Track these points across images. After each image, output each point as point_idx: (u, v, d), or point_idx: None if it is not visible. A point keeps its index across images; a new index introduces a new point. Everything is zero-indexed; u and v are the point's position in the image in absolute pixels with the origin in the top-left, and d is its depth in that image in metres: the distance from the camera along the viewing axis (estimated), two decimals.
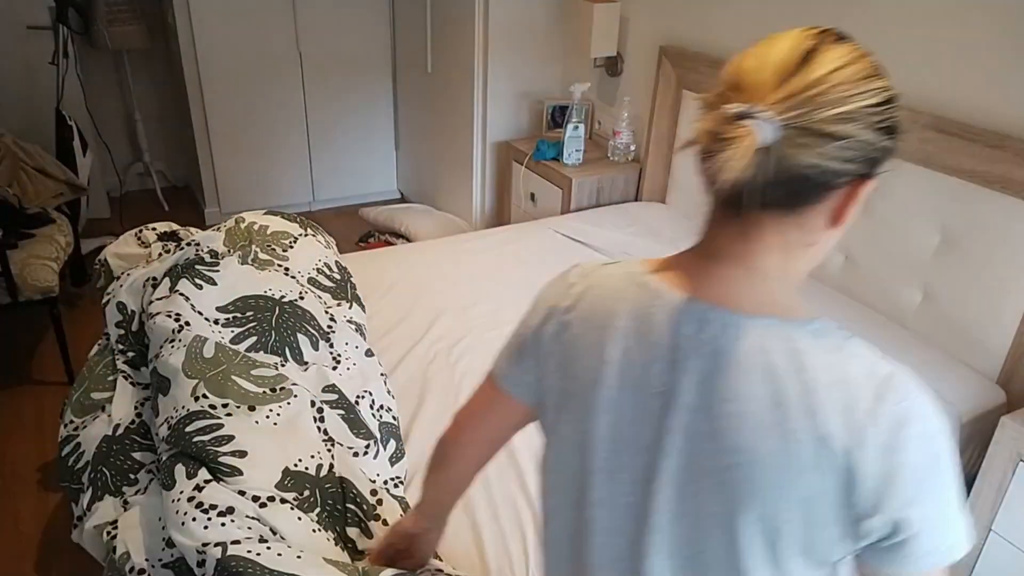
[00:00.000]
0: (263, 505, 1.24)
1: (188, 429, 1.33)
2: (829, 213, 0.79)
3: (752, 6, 2.51)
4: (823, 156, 0.73)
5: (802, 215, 0.78)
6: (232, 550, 1.15)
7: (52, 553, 2.12)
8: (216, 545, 1.16)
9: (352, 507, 1.34)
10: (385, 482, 1.49)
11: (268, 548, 1.16)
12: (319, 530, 1.27)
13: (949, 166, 1.96)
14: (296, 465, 1.34)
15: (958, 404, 1.86)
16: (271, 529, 1.22)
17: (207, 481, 1.26)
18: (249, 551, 1.14)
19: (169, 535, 1.24)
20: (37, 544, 2.15)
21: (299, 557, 1.15)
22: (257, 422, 1.37)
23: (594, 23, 2.96)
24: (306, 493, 1.31)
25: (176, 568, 1.28)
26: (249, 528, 1.20)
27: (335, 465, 1.40)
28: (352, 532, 1.32)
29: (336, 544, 1.29)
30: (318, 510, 1.30)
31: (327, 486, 1.34)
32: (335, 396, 1.57)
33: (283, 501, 1.26)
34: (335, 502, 1.34)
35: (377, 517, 1.35)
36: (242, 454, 1.30)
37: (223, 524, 1.19)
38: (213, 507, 1.21)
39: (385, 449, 1.56)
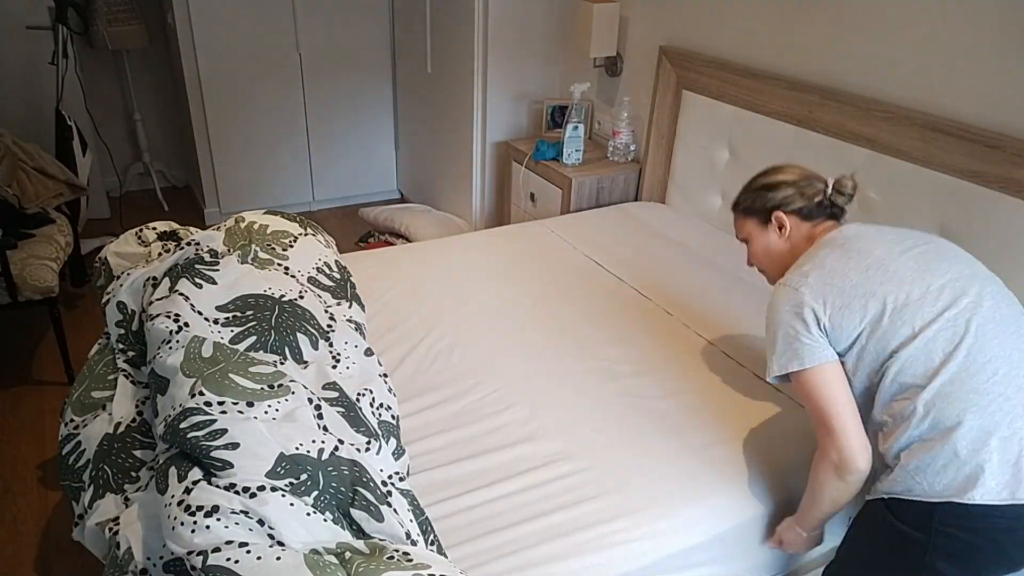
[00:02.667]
0: (253, 496, 1.24)
1: (183, 425, 1.33)
2: None
3: (752, 7, 2.51)
4: None
5: None
6: (212, 559, 1.15)
7: (52, 553, 2.12)
8: (198, 554, 1.16)
9: (362, 490, 1.35)
10: (390, 476, 1.49)
11: (248, 553, 1.16)
12: (314, 513, 1.27)
13: (949, 166, 1.96)
14: (297, 449, 1.34)
15: None
16: (259, 520, 1.22)
17: (196, 482, 1.26)
18: (228, 558, 1.15)
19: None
20: (37, 544, 2.15)
21: (278, 559, 1.16)
22: (255, 416, 1.37)
23: (594, 23, 2.97)
24: (303, 477, 1.31)
25: (176, 569, 1.28)
26: (237, 524, 1.21)
27: (340, 449, 1.40)
28: (358, 515, 1.32)
29: (336, 523, 1.29)
30: (316, 492, 1.30)
31: (329, 469, 1.34)
32: (335, 394, 1.57)
33: (274, 489, 1.26)
34: (339, 484, 1.33)
35: (389, 504, 1.35)
36: (234, 446, 1.29)
37: (208, 526, 1.19)
38: (199, 508, 1.21)
39: (387, 445, 1.56)
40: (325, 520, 1.28)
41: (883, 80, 2.15)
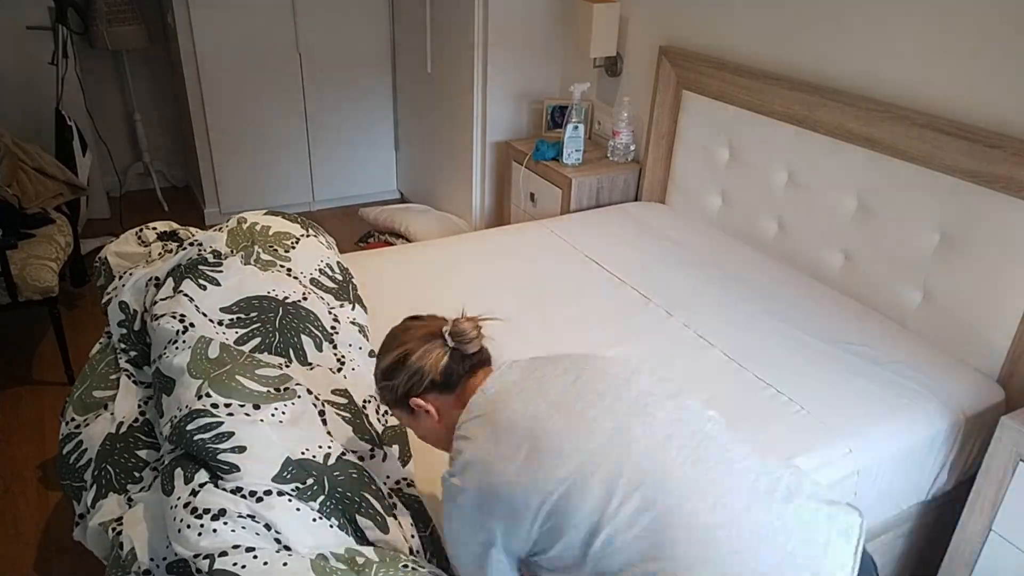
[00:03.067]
0: (259, 500, 1.24)
1: (189, 427, 1.34)
2: None
3: (752, 7, 2.51)
4: None
5: None
6: (219, 563, 1.16)
7: (52, 553, 2.12)
8: (204, 558, 1.17)
9: (369, 497, 1.35)
10: (397, 482, 1.49)
11: (255, 558, 1.17)
12: (320, 518, 1.28)
13: (949, 166, 1.97)
14: (303, 454, 1.34)
15: (958, 403, 1.86)
16: (266, 525, 1.22)
17: (202, 484, 1.27)
18: (235, 563, 1.16)
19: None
20: (37, 544, 2.15)
21: (285, 565, 1.16)
22: (262, 420, 1.37)
23: (594, 23, 2.97)
24: (309, 481, 1.31)
25: (180, 570, 1.28)
26: (243, 528, 1.21)
27: (347, 455, 1.40)
28: (363, 523, 1.32)
29: (341, 529, 1.29)
30: (322, 498, 1.30)
31: (336, 473, 1.34)
32: (344, 400, 1.57)
33: (280, 494, 1.26)
34: (345, 489, 1.34)
35: (394, 516, 1.36)
36: (241, 449, 1.30)
37: (215, 530, 1.20)
38: (207, 511, 1.22)
39: (392, 451, 1.56)
40: (331, 526, 1.28)
41: (883, 80, 2.16)
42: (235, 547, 1.18)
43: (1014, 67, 1.85)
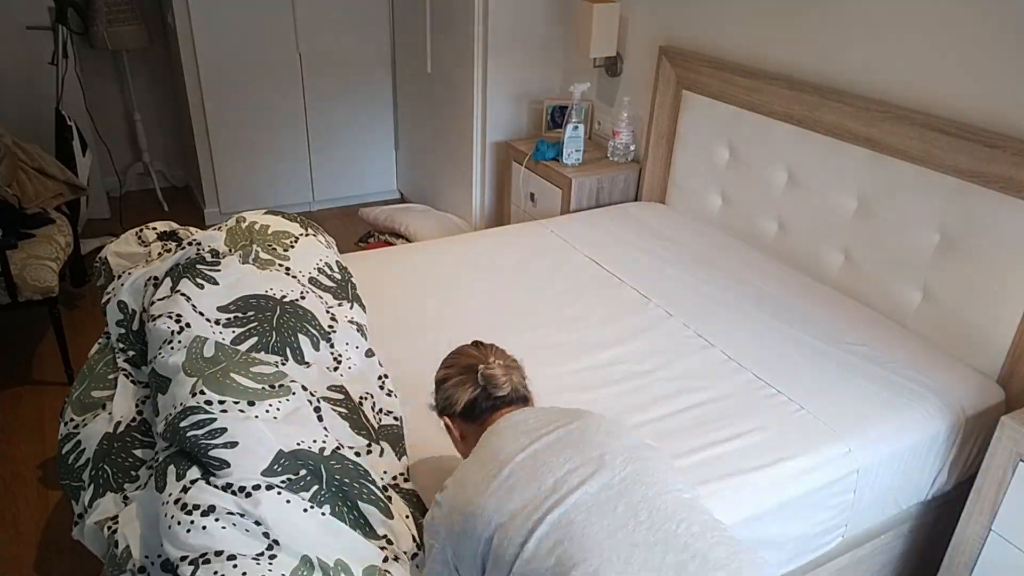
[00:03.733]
0: (248, 495, 1.25)
1: (183, 424, 1.34)
2: None
3: (752, 6, 2.51)
4: None
5: None
6: (202, 571, 1.18)
7: (52, 553, 2.12)
8: (189, 563, 1.19)
9: (370, 484, 1.35)
10: (395, 477, 1.50)
11: (234, 567, 1.18)
12: (311, 508, 1.28)
13: (949, 166, 1.97)
14: (298, 445, 1.35)
15: (958, 403, 1.86)
16: (256, 521, 1.23)
17: (194, 481, 1.27)
18: (216, 572, 1.17)
19: None
20: (37, 544, 2.15)
21: (270, 570, 1.18)
22: (256, 416, 1.38)
23: (594, 23, 2.97)
24: (302, 472, 1.32)
25: (173, 567, 1.29)
26: (233, 525, 1.22)
27: (342, 449, 1.41)
28: (367, 509, 1.33)
29: (336, 516, 1.29)
30: (316, 487, 1.31)
31: (333, 462, 1.35)
32: (340, 396, 1.58)
33: (269, 487, 1.27)
34: (343, 476, 1.34)
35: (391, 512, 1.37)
36: (233, 445, 1.30)
37: (204, 527, 1.21)
38: (196, 507, 1.23)
39: (388, 447, 1.57)
40: (324, 514, 1.28)
41: (883, 80, 2.16)
42: (217, 554, 1.19)
43: (1014, 67, 1.85)
